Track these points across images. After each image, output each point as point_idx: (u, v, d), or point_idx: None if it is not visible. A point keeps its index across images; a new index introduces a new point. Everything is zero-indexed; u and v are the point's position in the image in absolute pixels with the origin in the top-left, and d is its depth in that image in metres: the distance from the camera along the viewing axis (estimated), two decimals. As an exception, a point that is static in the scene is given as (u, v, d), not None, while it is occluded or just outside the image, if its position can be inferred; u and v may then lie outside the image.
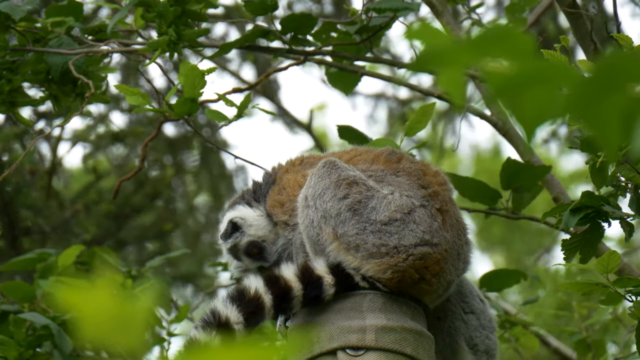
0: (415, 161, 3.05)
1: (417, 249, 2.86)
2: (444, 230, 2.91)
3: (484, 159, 10.70)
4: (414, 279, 2.87)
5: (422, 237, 2.86)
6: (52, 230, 6.37)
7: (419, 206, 2.90)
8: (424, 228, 2.87)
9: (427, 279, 2.88)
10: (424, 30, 1.41)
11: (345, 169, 2.94)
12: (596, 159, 3.00)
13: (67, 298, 1.34)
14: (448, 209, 2.94)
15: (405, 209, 2.88)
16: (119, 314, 1.35)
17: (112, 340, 1.37)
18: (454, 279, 2.96)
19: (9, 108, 3.68)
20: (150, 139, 3.71)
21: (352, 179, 2.91)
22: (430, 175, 3.00)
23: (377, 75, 4.11)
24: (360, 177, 2.93)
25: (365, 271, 2.87)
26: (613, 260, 3.00)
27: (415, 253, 2.86)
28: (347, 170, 2.94)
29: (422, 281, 2.88)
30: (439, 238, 2.89)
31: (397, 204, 2.88)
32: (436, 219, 2.90)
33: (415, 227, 2.87)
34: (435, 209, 2.91)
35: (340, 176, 2.91)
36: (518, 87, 1.37)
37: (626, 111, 1.38)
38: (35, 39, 3.69)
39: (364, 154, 3.09)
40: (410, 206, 2.89)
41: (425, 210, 2.90)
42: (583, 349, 4.25)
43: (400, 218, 2.87)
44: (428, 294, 2.92)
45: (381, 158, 3.04)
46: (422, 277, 2.88)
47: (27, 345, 3.69)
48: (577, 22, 3.57)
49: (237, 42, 3.79)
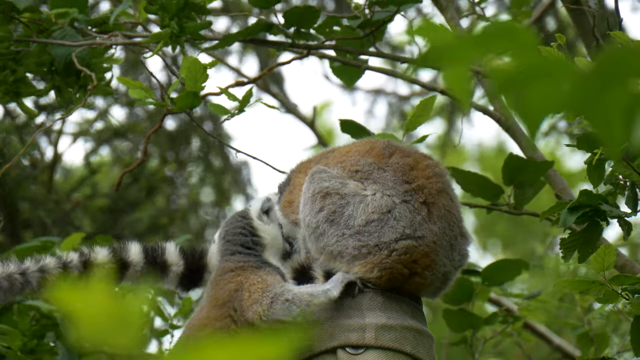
0: (408, 154, 3.01)
1: (399, 243, 2.84)
2: (430, 222, 2.88)
3: (489, 156, 10.70)
4: (405, 275, 2.86)
5: (402, 231, 2.85)
6: (53, 223, 6.38)
7: (400, 202, 2.88)
8: (405, 223, 2.86)
9: (419, 272, 2.87)
10: (427, 26, 1.41)
11: (320, 180, 2.94)
12: (594, 156, 3.00)
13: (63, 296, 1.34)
14: (435, 201, 2.91)
15: (384, 209, 2.87)
16: (115, 312, 1.35)
17: (109, 340, 1.37)
18: (451, 270, 2.93)
19: (13, 98, 3.69)
20: (153, 132, 3.71)
21: (325, 190, 2.92)
22: (419, 169, 2.96)
23: (380, 69, 4.10)
24: (334, 186, 2.92)
25: (354, 274, 2.87)
26: (609, 257, 3.00)
27: (398, 248, 2.84)
28: (322, 181, 2.94)
29: (415, 275, 2.87)
30: (423, 231, 2.87)
31: (375, 205, 2.87)
32: (420, 213, 2.88)
33: (395, 223, 2.86)
34: (419, 202, 2.89)
35: (315, 190, 2.93)
36: (521, 82, 1.37)
37: (627, 106, 1.38)
38: (39, 30, 3.69)
39: (362, 145, 3.08)
40: (389, 205, 2.87)
41: (407, 206, 2.88)
42: (586, 343, 4.25)
43: (377, 218, 2.86)
44: (425, 287, 2.91)
45: (374, 151, 3.02)
46: (413, 271, 2.86)
47: (31, 335, 3.70)
48: (579, 18, 3.57)
49: (240, 35, 3.79)
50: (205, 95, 3.65)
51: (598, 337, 4.23)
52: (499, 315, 4.23)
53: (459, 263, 2.97)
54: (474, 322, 4.05)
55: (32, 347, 3.69)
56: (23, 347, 3.68)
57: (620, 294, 3.07)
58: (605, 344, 4.22)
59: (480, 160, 10.85)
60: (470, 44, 1.36)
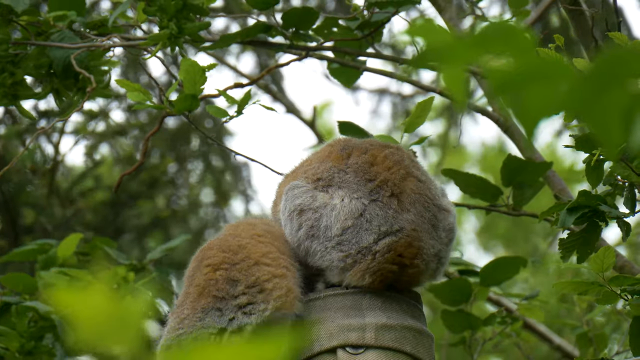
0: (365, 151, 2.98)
1: (379, 244, 2.83)
2: (403, 211, 2.86)
3: (489, 156, 10.70)
4: (395, 271, 2.85)
5: (378, 230, 2.84)
6: (54, 228, 6.37)
7: (369, 202, 2.87)
8: (379, 221, 2.84)
9: (409, 264, 2.85)
10: (425, 27, 1.41)
11: (293, 198, 2.93)
12: (592, 157, 3.00)
13: (61, 298, 1.34)
14: (402, 190, 2.89)
15: (356, 213, 2.86)
16: (114, 313, 1.35)
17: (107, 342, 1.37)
18: (441, 249, 2.91)
19: (11, 101, 3.69)
20: (151, 134, 3.71)
21: (299, 207, 2.91)
22: (378, 164, 2.94)
23: (378, 70, 4.10)
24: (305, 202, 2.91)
25: (348, 284, 2.88)
26: (608, 258, 3.00)
27: (380, 249, 2.83)
28: (295, 198, 2.93)
29: (407, 267, 2.85)
30: (399, 223, 2.85)
31: (346, 212, 2.86)
32: (390, 206, 2.86)
33: (368, 225, 2.84)
34: (386, 197, 2.87)
35: (290, 208, 2.92)
36: (518, 84, 1.37)
37: (626, 107, 1.38)
38: (37, 32, 3.69)
39: (322, 151, 3.06)
40: (360, 208, 2.86)
41: (376, 204, 2.87)
42: (585, 343, 4.25)
43: (352, 224, 2.85)
44: (421, 274, 2.88)
45: (332, 154, 3.00)
46: (403, 264, 2.85)
47: (29, 337, 3.70)
48: (578, 18, 3.57)
49: (238, 35, 3.79)
50: (204, 98, 3.65)
51: (597, 337, 4.23)
52: (498, 316, 4.23)
53: (447, 239, 2.95)
54: (473, 323, 4.05)
55: (30, 348, 3.68)
56: (21, 348, 3.67)
57: (619, 295, 3.07)
58: (604, 344, 4.22)
59: (481, 161, 10.85)
60: (467, 45, 1.36)
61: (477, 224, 10.35)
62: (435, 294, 3.99)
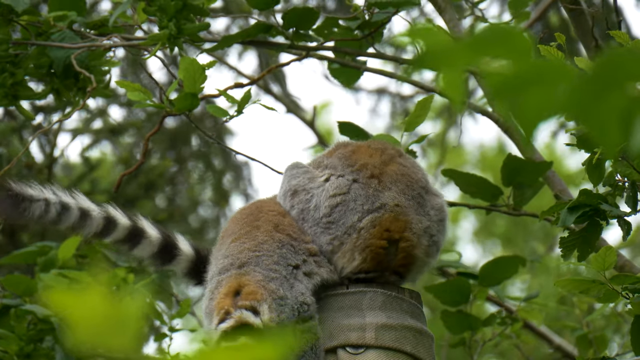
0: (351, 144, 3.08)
1: (363, 221, 2.88)
2: (385, 190, 2.92)
3: (489, 157, 10.69)
4: (384, 246, 2.87)
5: (362, 209, 2.89)
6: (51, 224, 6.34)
7: (352, 182, 2.93)
8: (362, 200, 2.90)
9: (399, 237, 2.88)
10: (424, 29, 1.41)
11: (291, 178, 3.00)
12: (593, 156, 3.00)
13: (60, 300, 1.34)
14: (383, 171, 2.95)
15: (344, 189, 2.92)
16: (112, 316, 1.35)
17: (106, 343, 1.37)
18: (430, 225, 2.93)
19: (12, 101, 3.69)
20: (151, 134, 3.71)
21: (294, 188, 2.98)
22: (360, 153, 3.01)
23: (378, 71, 4.10)
24: (301, 183, 2.98)
25: (341, 270, 2.90)
26: (609, 257, 3.00)
27: (364, 225, 2.87)
28: (292, 178, 3.00)
29: (397, 242, 2.88)
30: (381, 199, 2.91)
31: (334, 187, 2.93)
32: (370, 186, 2.92)
33: (354, 204, 2.90)
34: (366, 177, 2.94)
35: (286, 188, 3.00)
36: (517, 86, 1.37)
37: (625, 110, 1.37)
38: (38, 32, 3.69)
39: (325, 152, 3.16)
40: (346, 184, 2.93)
41: (358, 184, 2.93)
42: (585, 345, 4.25)
43: (340, 201, 2.91)
44: (415, 249, 2.90)
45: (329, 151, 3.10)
46: (392, 239, 2.88)
47: (28, 340, 3.69)
48: (578, 18, 3.57)
49: (238, 36, 3.79)
50: (204, 97, 3.65)
51: (597, 339, 4.23)
52: (497, 317, 4.23)
53: (436, 217, 2.97)
54: (472, 324, 4.06)
55: (29, 351, 3.68)
56: (20, 351, 3.67)
57: (620, 294, 3.07)
58: (604, 346, 4.22)
59: (482, 161, 10.84)
60: (465, 48, 1.36)
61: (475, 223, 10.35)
62: (435, 294, 4.00)
